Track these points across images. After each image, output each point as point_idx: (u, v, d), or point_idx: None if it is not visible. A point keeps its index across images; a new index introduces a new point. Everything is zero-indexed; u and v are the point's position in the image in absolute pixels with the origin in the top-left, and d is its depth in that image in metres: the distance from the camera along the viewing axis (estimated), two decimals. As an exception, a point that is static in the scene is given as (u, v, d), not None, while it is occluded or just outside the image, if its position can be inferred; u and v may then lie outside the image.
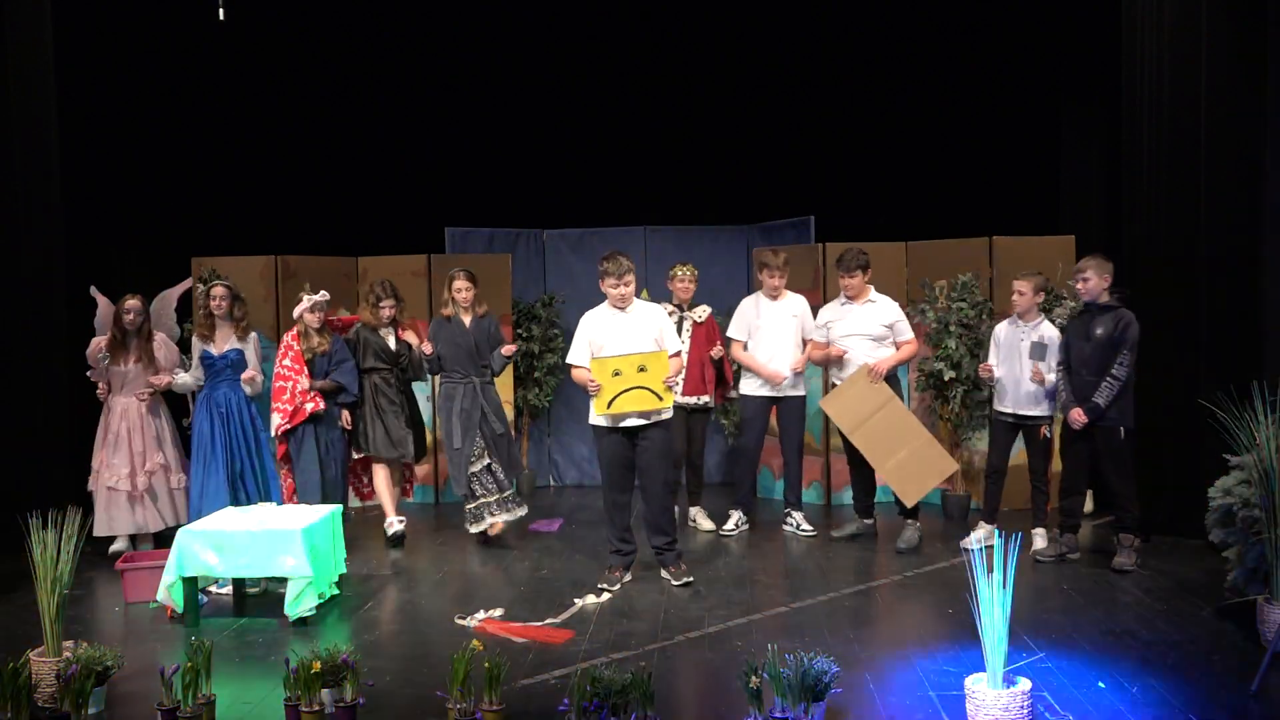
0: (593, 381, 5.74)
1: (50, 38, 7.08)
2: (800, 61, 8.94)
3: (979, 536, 6.51)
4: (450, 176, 9.22)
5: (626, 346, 5.79)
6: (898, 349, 6.68)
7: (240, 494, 6.63)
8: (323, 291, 6.83)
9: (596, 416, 5.85)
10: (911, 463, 6.43)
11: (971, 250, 7.71)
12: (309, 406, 6.61)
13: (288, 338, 6.73)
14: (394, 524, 6.98)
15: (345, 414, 6.81)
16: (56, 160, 7.15)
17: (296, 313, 6.76)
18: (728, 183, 9.16)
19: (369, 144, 9.16)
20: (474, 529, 6.86)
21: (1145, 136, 6.74)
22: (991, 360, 6.54)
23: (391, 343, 6.99)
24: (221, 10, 7.73)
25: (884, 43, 8.75)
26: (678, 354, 5.97)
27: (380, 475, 7.05)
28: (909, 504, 6.54)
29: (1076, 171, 8.54)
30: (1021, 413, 6.39)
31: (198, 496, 6.62)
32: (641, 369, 5.70)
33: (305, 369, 6.64)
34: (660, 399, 5.71)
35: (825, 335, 6.80)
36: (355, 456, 7.07)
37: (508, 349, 6.91)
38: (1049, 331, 6.36)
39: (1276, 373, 5.53)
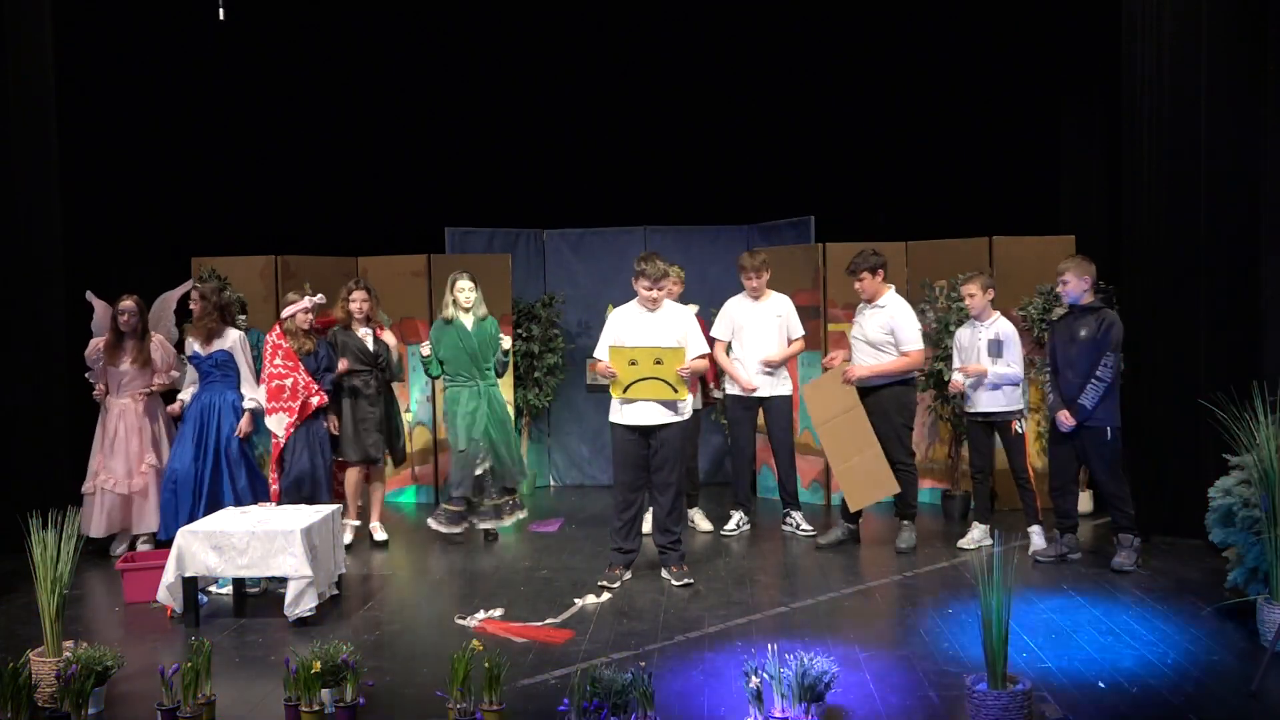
0: (606, 367, 5.81)
1: (50, 38, 7.08)
2: (800, 62, 8.93)
3: (975, 537, 6.55)
4: (450, 176, 9.21)
5: (649, 344, 5.84)
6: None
7: (216, 498, 6.49)
8: (320, 295, 6.77)
9: (616, 414, 5.89)
10: (860, 471, 6.43)
11: (971, 250, 7.70)
12: (315, 400, 6.54)
13: (273, 338, 6.62)
14: (348, 529, 6.80)
15: (333, 418, 6.77)
16: (56, 160, 7.14)
17: (289, 312, 6.64)
18: (728, 183, 9.15)
19: (369, 144, 9.15)
20: (438, 527, 6.90)
21: (1145, 136, 6.73)
22: (955, 363, 6.62)
23: (370, 344, 6.92)
24: (221, 10, 7.72)
25: (884, 43, 8.75)
26: (702, 356, 5.99)
27: (350, 478, 6.96)
28: (853, 509, 6.58)
29: (1076, 171, 8.54)
30: (989, 410, 6.42)
31: (164, 500, 6.55)
32: (658, 362, 5.74)
33: (300, 364, 6.55)
34: (675, 390, 5.75)
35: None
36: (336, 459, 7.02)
37: (506, 342, 6.98)
38: (1004, 327, 6.43)
39: (1276, 373, 5.54)
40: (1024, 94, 8.52)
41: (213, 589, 5.79)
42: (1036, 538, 6.40)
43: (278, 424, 6.52)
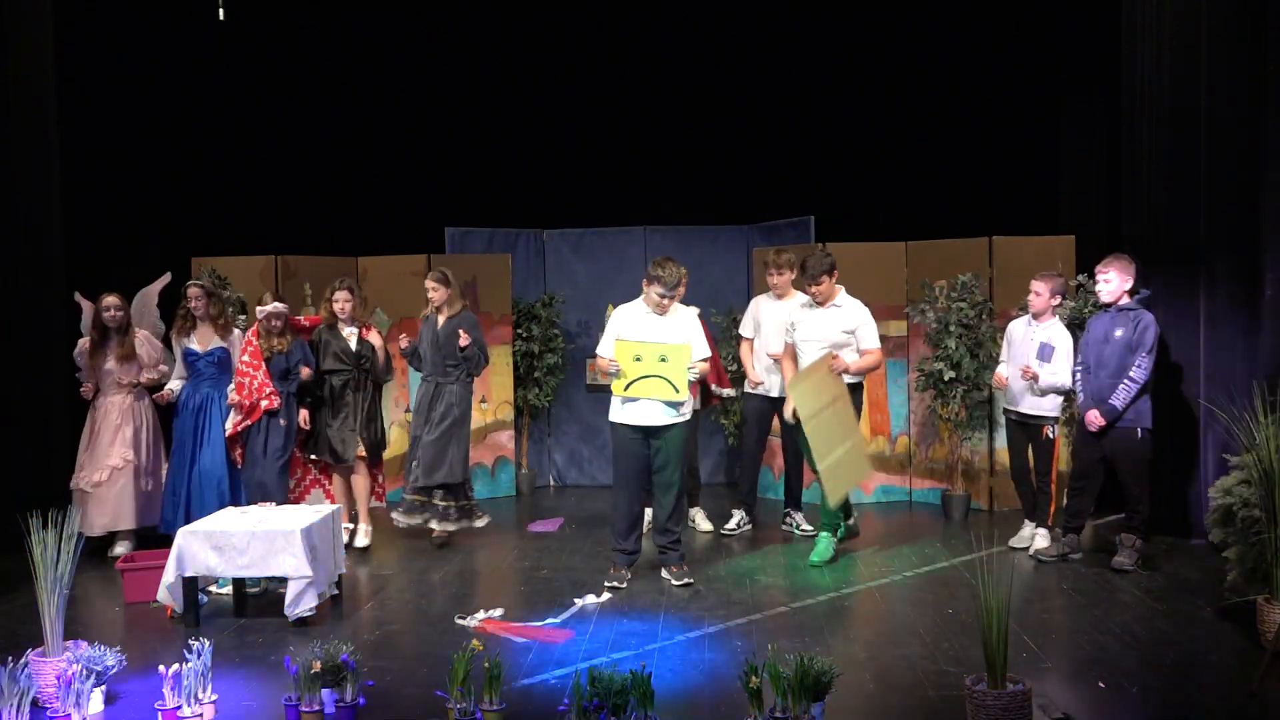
0: (613, 363, 5.77)
1: (50, 38, 7.08)
2: (800, 61, 8.93)
3: (1025, 535, 6.53)
4: (450, 176, 9.21)
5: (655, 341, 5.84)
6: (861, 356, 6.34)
7: (222, 495, 6.49)
8: (274, 304, 6.67)
9: (617, 413, 5.88)
10: (845, 462, 6.18)
11: (971, 250, 7.71)
12: (264, 404, 6.49)
13: (248, 334, 6.64)
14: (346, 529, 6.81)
15: (304, 413, 6.73)
16: (56, 160, 7.14)
17: (260, 313, 6.67)
18: (728, 183, 9.16)
19: (369, 144, 9.15)
20: (401, 521, 6.87)
21: (1145, 136, 6.74)
22: (1004, 356, 6.59)
23: (353, 343, 6.88)
24: (221, 10, 7.72)
25: (884, 42, 8.75)
26: (707, 359, 6.00)
27: (335, 480, 6.97)
28: (832, 504, 6.26)
29: (1076, 171, 8.54)
30: (1026, 412, 6.40)
31: (170, 497, 6.57)
32: (663, 359, 5.74)
33: (263, 366, 6.54)
34: (676, 390, 5.74)
35: (791, 337, 6.53)
36: (312, 458, 6.97)
37: (462, 340, 6.77)
38: (1059, 334, 6.36)
39: (1276, 373, 5.54)
40: (1024, 94, 8.52)
41: (213, 589, 5.79)
42: (1040, 539, 6.39)
43: (228, 420, 6.55)
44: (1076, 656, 4.62)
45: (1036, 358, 6.33)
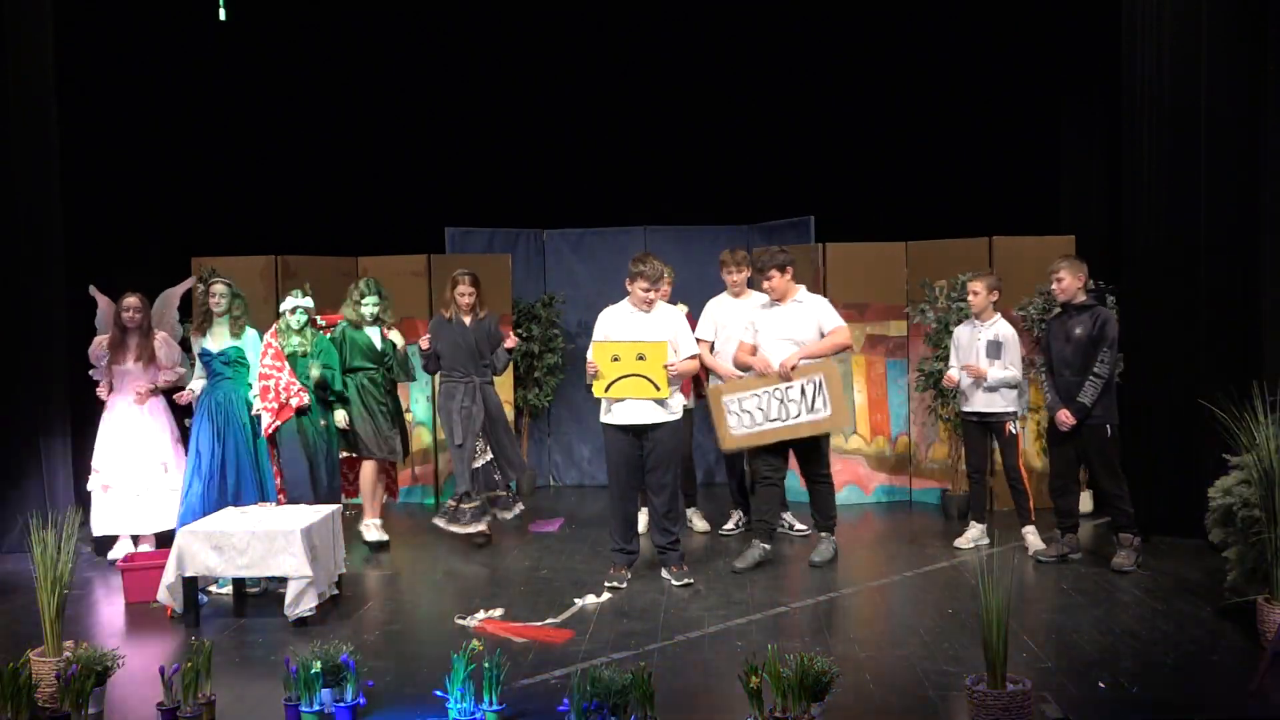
0: (592, 364, 5.76)
1: (50, 38, 7.08)
2: (800, 61, 8.94)
3: (971, 536, 6.56)
4: (450, 176, 9.21)
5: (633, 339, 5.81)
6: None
7: (238, 496, 6.48)
8: (306, 299, 6.71)
9: (606, 415, 5.87)
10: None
11: (971, 250, 7.70)
12: (294, 402, 6.50)
13: (267, 335, 6.65)
14: (371, 528, 6.90)
15: (341, 414, 6.74)
16: (56, 160, 7.14)
17: (282, 308, 6.71)
18: (728, 183, 9.16)
19: (369, 144, 9.15)
20: (453, 528, 6.80)
21: (1145, 136, 6.73)
22: (953, 361, 6.64)
23: (377, 342, 6.91)
24: (222, 10, 7.74)
25: (884, 43, 8.75)
26: (693, 357, 5.98)
27: (367, 474, 6.95)
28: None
29: (1076, 171, 8.54)
30: (984, 411, 6.44)
31: (185, 498, 6.54)
32: (640, 357, 5.72)
33: (286, 365, 6.55)
34: (657, 388, 5.72)
35: (751, 336, 6.34)
36: (342, 455, 6.97)
37: (510, 342, 6.91)
38: (1004, 330, 6.44)
39: (1276, 373, 5.54)
40: (1024, 94, 8.52)
41: (213, 589, 5.79)
42: (1031, 538, 6.40)
43: (262, 423, 6.55)
44: (1076, 656, 4.61)
45: (986, 356, 6.37)
